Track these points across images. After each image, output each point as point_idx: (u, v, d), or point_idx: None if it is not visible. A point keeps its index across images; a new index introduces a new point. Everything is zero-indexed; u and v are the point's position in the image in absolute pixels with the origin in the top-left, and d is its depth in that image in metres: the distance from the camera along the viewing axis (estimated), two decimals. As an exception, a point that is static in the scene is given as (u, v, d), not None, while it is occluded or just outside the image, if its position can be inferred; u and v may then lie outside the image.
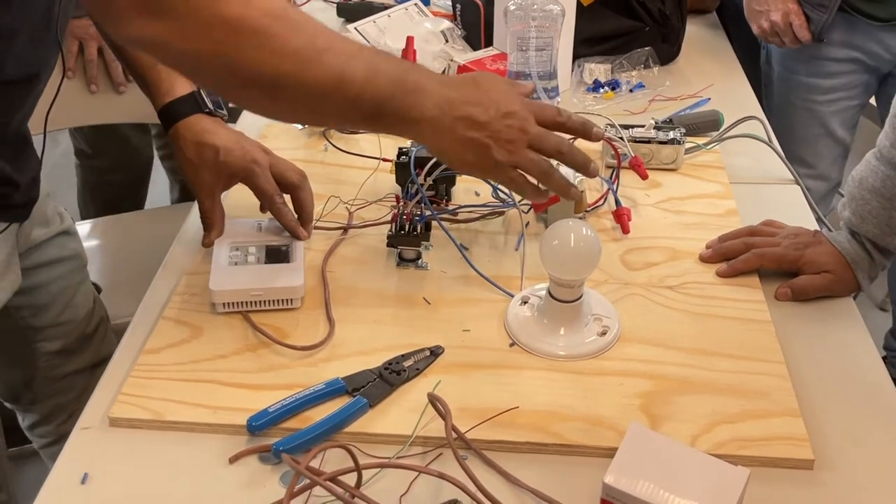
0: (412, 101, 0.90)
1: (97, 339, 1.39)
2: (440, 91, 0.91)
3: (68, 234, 1.31)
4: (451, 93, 0.92)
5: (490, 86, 0.95)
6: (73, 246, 1.32)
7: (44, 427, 1.45)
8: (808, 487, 0.86)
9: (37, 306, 1.28)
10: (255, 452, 0.88)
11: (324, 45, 0.86)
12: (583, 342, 1.00)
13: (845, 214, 1.12)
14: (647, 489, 0.76)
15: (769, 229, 1.16)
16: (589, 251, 0.96)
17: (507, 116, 0.93)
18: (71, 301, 1.33)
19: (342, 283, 1.10)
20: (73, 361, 1.37)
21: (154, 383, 0.95)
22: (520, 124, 0.94)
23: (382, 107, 0.89)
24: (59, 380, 1.38)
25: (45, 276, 1.27)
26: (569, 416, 0.91)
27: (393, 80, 0.89)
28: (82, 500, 0.84)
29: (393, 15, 1.74)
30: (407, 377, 0.95)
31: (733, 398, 0.94)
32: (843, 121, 1.87)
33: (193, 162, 1.11)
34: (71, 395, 1.39)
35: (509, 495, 0.84)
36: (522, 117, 0.94)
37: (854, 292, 1.12)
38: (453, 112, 0.91)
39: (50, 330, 1.32)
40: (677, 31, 1.72)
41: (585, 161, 0.99)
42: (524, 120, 0.94)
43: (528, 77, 1.41)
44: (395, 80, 0.89)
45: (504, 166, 0.94)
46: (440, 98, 0.91)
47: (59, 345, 1.34)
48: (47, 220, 1.27)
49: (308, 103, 0.88)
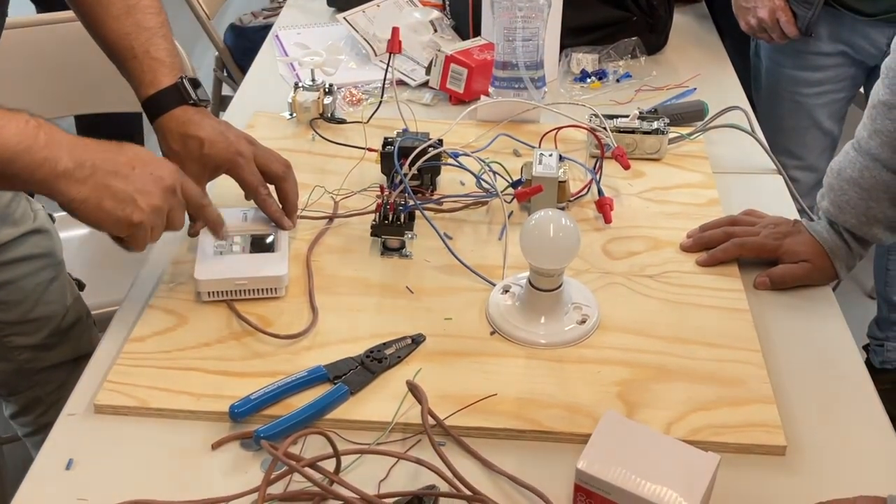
0: (44, 155, 0.90)
1: (75, 334, 1.39)
2: (77, 148, 0.93)
3: (40, 232, 1.32)
4: (86, 148, 0.94)
5: (132, 152, 0.98)
6: (45, 244, 1.33)
7: (23, 417, 1.46)
8: (781, 473, 0.88)
9: (6, 302, 1.29)
10: (237, 439, 0.89)
11: None
12: (562, 330, 1.01)
13: (824, 204, 1.14)
14: (619, 474, 0.77)
15: (749, 219, 1.17)
16: (568, 241, 0.98)
17: (149, 169, 0.97)
18: (41, 297, 1.33)
19: (326, 272, 1.11)
20: (50, 356, 1.38)
21: (139, 371, 0.96)
22: (161, 174, 0.98)
23: (10, 166, 0.89)
24: (35, 373, 1.38)
25: (12, 273, 1.28)
26: (547, 404, 0.93)
27: (17, 138, 0.89)
28: (67, 485, 0.86)
29: (382, 4, 1.74)
30: (388, 365, 0.97)
31: (709, 386, 0.95)
32: (831, 113, 1.87)
33: (178, 153, 1.11)
34: (49, 388, 1.40)
35: (486, 481, 0.86)
36: (167, 175, 0.99)
37: (832, 281, 1.13)
38: (96, 162, 0.94)
39: (19, 325, 1.32)
40: (664, 21, 1.72)
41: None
42: (169, 176, 0.99)
43: (515, 66, 1.42)
44: (20, 139, 0.89)
45: (145, 217, 0.96)
46: (79, 151, 0.93)
47: (31, 339, 1.34)
48: (15, 220, 1.27)
49: None
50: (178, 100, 1.11)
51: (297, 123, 1.43)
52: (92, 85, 1.81)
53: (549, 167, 1.19)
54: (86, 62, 1.55)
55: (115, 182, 0.95)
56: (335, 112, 1.43)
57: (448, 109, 1.51)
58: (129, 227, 0.96)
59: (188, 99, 1.11)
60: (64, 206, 0.94)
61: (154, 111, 1.12)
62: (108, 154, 0.96)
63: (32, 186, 0.92)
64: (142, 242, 0.99)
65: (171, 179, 0.99)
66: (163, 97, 1.11)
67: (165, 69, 1.11)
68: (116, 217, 0.95)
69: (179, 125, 1.11)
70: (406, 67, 1.60)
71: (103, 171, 0.94)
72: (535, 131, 1.37)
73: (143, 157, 0.98)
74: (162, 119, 1.11)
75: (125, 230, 0.97)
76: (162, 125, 1.12)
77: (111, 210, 0.95)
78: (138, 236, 0.98)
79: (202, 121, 1.12)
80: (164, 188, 0.98)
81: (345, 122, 1.42)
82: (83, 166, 0.93)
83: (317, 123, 1.41)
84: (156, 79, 1.11)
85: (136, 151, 0.99)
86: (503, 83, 1.45)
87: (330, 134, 1.38)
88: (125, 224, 0.96)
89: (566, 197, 1.22)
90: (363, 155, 1.30)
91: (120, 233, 0.98)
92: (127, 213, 0.95)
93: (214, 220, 1.07)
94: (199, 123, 1.11)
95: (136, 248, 1.00)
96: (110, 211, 0.95)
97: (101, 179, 0.94)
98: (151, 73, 1.11)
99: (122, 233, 0.97)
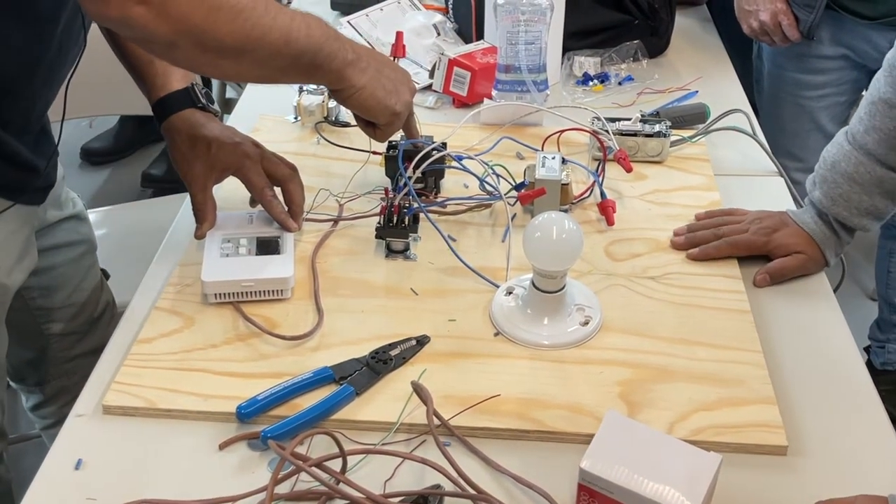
0: (337, 46, 1.02)
1: (103, 323, 1.42)
2: (354, 44, 1.06)
3: (79, 218, 1.35)
4: (353, 43, 1.07)
5: (382, 55, 1.14)
6: (83, 230, 1.36)
7: (47, 408, 1.48)
8: (782, 473, 0.89)
9: (47, 287, 1.32)
10: (244, 439, 0.90)
11: (273, 11, 0.95)
12: (565, 332, 1.02)
13: (815, 195, 1.15)
14: (622, 474, 0.78)
15: (734, 217, 1.19)
16: (571, 243, 0.99)
17: (398, 71, 1.13)
18: (80, 284, 1.36)
19: (332, 273, 1.12)
20: (80, 344, 1.41)
21: (147, 372, 0.97)
22: (405, 76, 1.14)
23: (316, 56, 1.00)
24: (65, 362, 1.41)
25: (56, 259, 1.31)
26: (550, 404, 0.94)
27: (322, 34, 1.01)
28: (76, 485, 0.86)
29: (385, 8, 1.75)
30: (393, 366, 0.98)
31: (711, 386, 0.96)
32: (833, 116, 1.88)
33: (186, 155, 1.14)
34: (76, 378, 1.41)
35: (491, 481, 0.86)
36: (408, 77, 1.15)
37: (824, 268, 1.16)
38: (369, 57, 1.07)
39: (58, 311, 1.35)
40: (666, 24, 1.73)
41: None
42: (409, 79, 1.15)
43: (517, 70, 1.43)
44: (322, 35, 1.01)
45: (403, 109, 1.11)
46: (357, 46, 1.07)
47: (66, 326, 1.37)
48: (60, 203, 1.31)
49: (263, 62, 0.97)
50: (187, 102, 1.14)
51: (302, 127, 1.44)
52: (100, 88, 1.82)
53: (552, 170, 1.20)
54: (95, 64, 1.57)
55: (384, 76, 1.08)
56: (340, 115, 1.44)
57: (451, 112, 1.52)
58: (391, 115, 1.10)
59: (197, 102, 1.14)
60: (345, 92, 1.06)
61: (163, 113, 1.14)
62: (371, 51, 1.10)
63: (327, 75, 1.03)
64: (392, 133, 1.15)
65: (412, 82, 1.15)
66: (173, 99, 1.14)
67: (178, 74, 1.14)
68: (385, 105, 1.08)
69: (188, 127, 1.13)
70: (409, 71, 1.60)
71: (376, 64, 1.07)
72: (538, 134, 1.38)
73: (390, 61, 1.13)
74: (171, 120, 1.13)
75: (388, 118, 1.10)
76: (171, 126, 1.14)
77: (381, 98, 1.08)
78: (394, 125, 1.13)
79: (210, 123, 1.14)
80: (411, 89, 1.14)
81: (349, 126, 1.42)
82: (361, 58, 1.05)
83: (321, 127, 1.42)
84: (167, 82, 1.14)
85: (384, 55, 1.14)
86: (506, 86, 1.46)
87: (334, 137, 1.39)
88: (389, 112, 1.09)
89: (569, 199, 1.23)
90: (367, 158, 1.31)
91: (384, 120, 1.11)
92: (391, 102, 1.09)
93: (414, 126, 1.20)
94: (206, 126, 1.13)
95: (383, 139, 1.16)
96: (381, 99, 1.08)
97: (376, 71, 1.07)
98: (164, 76, 1.14)
99: (385, 120, 1.11)
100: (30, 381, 1.44)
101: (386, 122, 1.11)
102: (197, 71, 1.07)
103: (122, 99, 1.85)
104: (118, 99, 1.86)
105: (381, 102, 1.08)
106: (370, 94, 1.06)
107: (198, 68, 1.01)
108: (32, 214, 1.16)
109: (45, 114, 1.13)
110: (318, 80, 1.07)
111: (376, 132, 1.14)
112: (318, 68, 1.01)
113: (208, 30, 0.90)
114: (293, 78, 1.05)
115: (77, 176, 2.99)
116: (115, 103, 1.90)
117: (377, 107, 1.08)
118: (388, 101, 1.08)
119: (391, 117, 1.10)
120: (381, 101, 1.08)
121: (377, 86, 1.07)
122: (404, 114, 1.12)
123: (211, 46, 0.92)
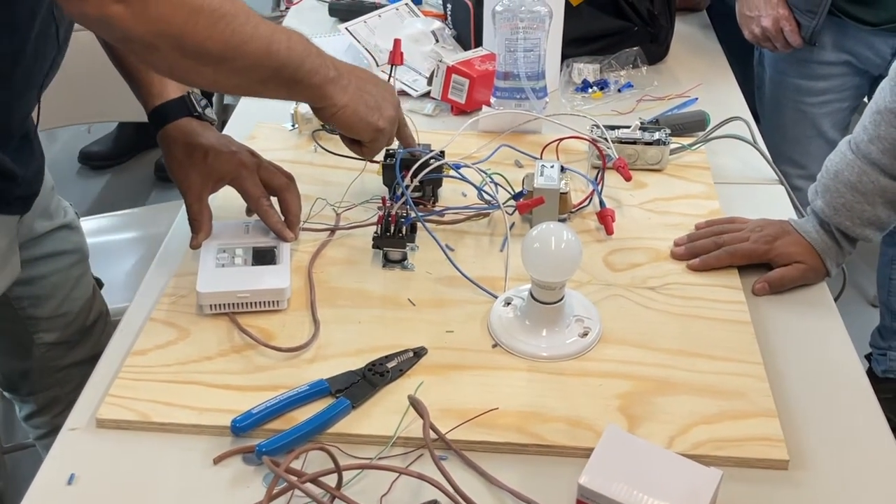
0: (319, 62, 1.01)
1: (96, 332, 1.42)
2: (336, 61, 1.05)
3: (70, 227, 1.34)
4: (335, 60, 1.06)
5: (364, 71, 1.12)
6: (74, 239, 1.35)
7: (39, 418, 1.47)
8: (784, 487, 0.87)
9: (36, 297, 1.31)
10: (239, 453, 0.89)
11: (254, 21, 0.95)
12: (564, 343, 1.01)
13: (818, 204, 1.14)
14: (621, 490, 0.77)
15: (734, 226, 1.18)
16: (569, 254, 0.98)
17: (381, 86, 1.11)
18: (70, 293, 1.35)
19: (328, 284, 1.11)
20: (72, 354, 1.40)
21: (141, 385, 0.96)
22: (389, 91, 1.12)
23: (297, 71, 0.99)
24: (57, 371, 1.40)
25: (46, 268, 1.30)
26: (548, 417, 0.93)
27: (304, 49, 1.00)
28: (69, 500, 0.85)
29: (384, 15, 1.75)
30: (390, 378, 0.97)
31: (711, 399, 0.95)
32: (835, 122, 1.87)
33: (182, 164, 1.13)
34: (68, 388, 1.41)
35: (488, 496, 0.85)
36: (392, 92, 1.13)
37: (825, 278, 1.15)
38: (350, 74, 1.06)
39: (49, 321, 1.35)
40: (665, 31, 1.73)
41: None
42: (394, 94, 1.13)
43: (516, 77, 1.43)
44: (304, 50, 1.00)
45: (387, 126, 1.10)
46: (338, 63, 1.06)
47: (57, 336, 1.37)
48: (50, 213, 1.30)
49: (243, 72, 0.97)
50: (183, 111, 1.13)
51: (299, 135, 1.43)
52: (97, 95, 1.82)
53: (551, 179, 1.19)
54: (94, 72, 1.57)
55: (366, 92, 1.07)
56: (337, 123, 1.43)
57: (450, 120, 1.51)
58: (375, 132, 1.09)
59: (193, 111, 1.13)
60: (327, 110, 1.05)
61: (160, 121, 1.13)
62: (353, 68, 1.08)
63: (307, 91, 1.03)
64: (378, 149, 1.14)
65: (395, 97, 1.13)
66: (169, 108, 1.13)
67: (175, 83, 1.13)
68: (368, 122, 1.07)
69: (184, 135, 1.12)
70: (408, 78, 1.61)
71: (358, 82, 1.06)
72: (536, 142, 1.37)
73: (373, 76, 1.12)
74: (167, 128, 1.13)
75: (372, 135, 1.09)
76: (167, 135, 1.13)
77: (364, 116, 1.07)
78: (379, 142, 1.11)
79: (206, 132, 1.13)
80: (395, 104, 1.12)
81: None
82: (343, 76, 1.04)
83: (319, 135, 1.41)
84: (164, 90, 1.13)
85: (366, 71, 1.12)
86: (505, 94, 1.45)
87: (332, 145, 1.37)
88: (373, 129, 1.08)
89: (568, 208, 1.22)
90: (365, 167, 1.30)
91: (368, 137, 1.10)
92: (374, 119, 1.08)
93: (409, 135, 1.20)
94: (202, 134, 1.13)
95: (370, 156, 1.16)
96: (363, 116, 1.07)
97: (357, 89, 1.06)
98: (160, 85, 1.13)
99: (369, 137, 1.10)
100: (22, 390, 1.44)
101: (370, 139, 1.10)
102: (177, 78, 1.06)
103: (118, 106, 1.85)
104: (115, 106, 1.86)
105: (364, 119, 1.07)
106: (352, 112, 1.05)
107: (178, 74, 1.00)
108: (13, 224, 1.15)
109: (25, 121, 1.12)
110: (299, 95, 1.05)
111: (362, 150, 1.13)
112: (299, 83, 1.00)
113: (188, 33, 0.89)
114: (274, 92, 1.03)
115: (76, 180, 3.00)
116: (113, 110, 1.89)
117: (360, 124, 1.07)
118: (370, 118, 1.07)
119: (375, 134, 1.09)
120: (364, 119, 1.07)
121: (359, 103, 1.06)
122: (388, 130, 1.11)
123: (190, 51, 0.91)
